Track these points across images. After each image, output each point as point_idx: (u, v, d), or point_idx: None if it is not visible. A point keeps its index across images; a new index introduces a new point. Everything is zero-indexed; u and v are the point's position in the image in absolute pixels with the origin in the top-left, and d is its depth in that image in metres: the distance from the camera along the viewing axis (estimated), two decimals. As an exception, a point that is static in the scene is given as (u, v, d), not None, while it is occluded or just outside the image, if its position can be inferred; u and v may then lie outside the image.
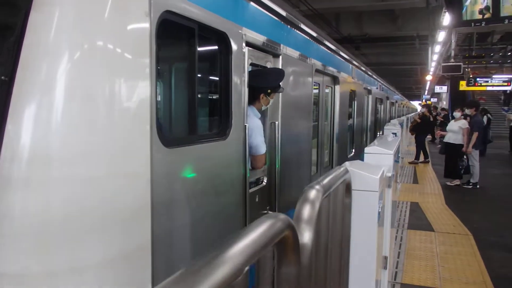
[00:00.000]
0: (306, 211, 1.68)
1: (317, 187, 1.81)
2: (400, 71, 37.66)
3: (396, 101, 22.85)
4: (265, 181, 4.06)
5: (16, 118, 1.88)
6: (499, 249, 6.48)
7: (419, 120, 16.16)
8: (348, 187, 2.50)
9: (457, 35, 17.81)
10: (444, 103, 35.89)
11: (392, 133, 7.45)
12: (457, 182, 11.15)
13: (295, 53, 4.76)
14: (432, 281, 5.18)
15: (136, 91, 2.21)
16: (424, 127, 16.15)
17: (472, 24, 13.09)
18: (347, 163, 2.77)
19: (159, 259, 2.35)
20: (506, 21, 12.34)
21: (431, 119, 17.93)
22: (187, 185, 2.70)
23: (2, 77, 1.91)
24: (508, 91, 27.75)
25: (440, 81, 33.26)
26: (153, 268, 2.31)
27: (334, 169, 2.39)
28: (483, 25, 12.82)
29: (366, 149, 3.78)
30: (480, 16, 12.57)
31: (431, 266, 5.64)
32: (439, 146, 19.72)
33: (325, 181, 1.99)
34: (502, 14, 12.45)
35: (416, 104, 50.61)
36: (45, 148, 1.90)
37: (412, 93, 57.57)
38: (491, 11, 12.38)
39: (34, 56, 1.91)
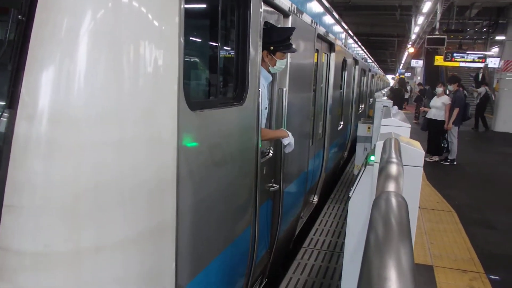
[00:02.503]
0: (392, 190, 1.44)
1: (396, 160, 1.58)
2: (377, 42, 37.53)
3: (376, 74, 22.82)
4: (271, 152, 3.84)
5: (35, 67, 1.58)
6: (481, 226, 6.58)
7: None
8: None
9: (443, 6, 17.64)
10: (419, 78, 36.20)
11: (384, 106, 7.31)
12: (435, 158, 11.23)
13: (302, 14, 4.47)
14: (424, 258, 5.16)
15: (165, 47, 1.96)
16: (396, 101, 16.22)
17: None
18: (381, 135, 2.57)
19: (183, 234, 2.17)
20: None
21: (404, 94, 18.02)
22: (209, 152, 2.50)
23: (19, 16, 1.58)
24: (480, 77, 27.80)
25: (416, 55, 33.42)
26: (177, 244, 2.11)
27: (384, 141, 2.19)
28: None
29: (383, 121, 3.60)
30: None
31: (421, 243, 5.62)
32: (414, 121, 20.03)
33: (393, 154, 1.76)
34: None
35: (389, 78, 50.82)
36: (67, 106, 1.63)
37: (387, 66, 57.45)
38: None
39: None
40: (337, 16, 7.48)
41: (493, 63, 24.58)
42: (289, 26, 3.97)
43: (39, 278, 1.67)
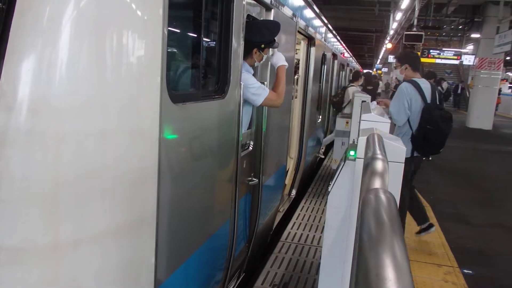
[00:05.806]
0: (378, 186, 1.44)
1: (381, 156, 1.57)
2: (355, 37, 37.72)
3: (354, 69, 22.95)
4: (251, 146, 3.83)
5: (16, 56, 1.54)
6: (456, 221, 6.70)
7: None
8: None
9: (420, 2, 17.83)
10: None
11: (362, 100, 7.32)
12: (411, 152, 11.36)
13: (284, 8, 4.45)
14: (399, 252, 5.23)
15: (149, 38, 1.93)
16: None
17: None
18: (363, 130, 2.57)
19: (163, 227, 2.14)
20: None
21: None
22: (190, 145, 2.48)
23: (0, 4, 1.53)
24: (460, 89, 28.09)
25: (393, 51, 33.75)
26: (157, 237, 2.09)
27: (367, 136, 2.20)
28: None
29: (363, 116, 3.60)
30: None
31: (397, 237, 5.69)
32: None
33: (378, 150, 1.76)
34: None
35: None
36: (48, 96, 1.59)
37: (364, 61, 57.81)
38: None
39: None
40: (317, 10, 7.47)
41: (468, 60, 25.02)
42: (271, 19, 3.95)
43: (16, 273, 1.63)
